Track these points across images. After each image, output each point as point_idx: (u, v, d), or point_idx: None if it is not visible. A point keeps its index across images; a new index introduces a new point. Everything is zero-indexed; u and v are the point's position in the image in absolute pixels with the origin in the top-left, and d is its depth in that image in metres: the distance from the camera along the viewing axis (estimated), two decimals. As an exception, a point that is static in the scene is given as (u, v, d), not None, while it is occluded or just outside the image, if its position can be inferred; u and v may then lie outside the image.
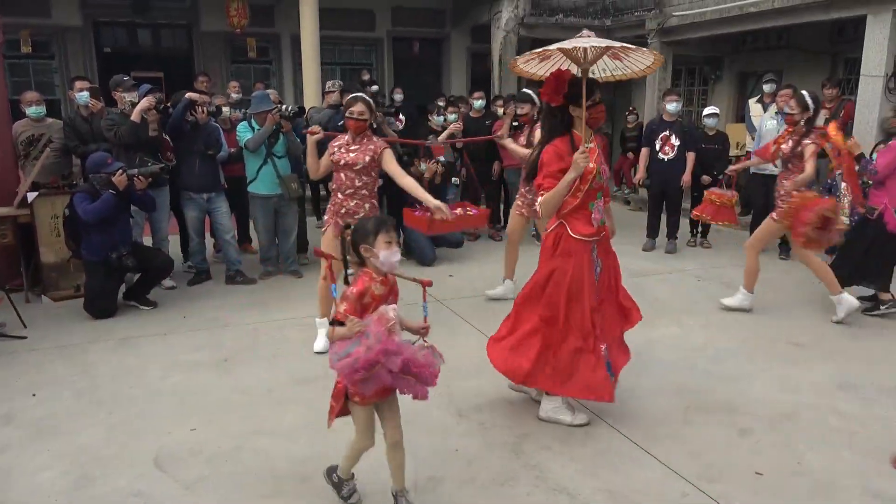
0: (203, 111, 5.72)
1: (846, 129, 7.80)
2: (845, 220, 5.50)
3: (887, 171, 4.99)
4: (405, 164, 6.94)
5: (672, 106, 7.08)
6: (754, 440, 3.29)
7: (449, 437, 3.31)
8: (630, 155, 10.65)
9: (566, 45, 3.14)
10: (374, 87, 8.20)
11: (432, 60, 13.64)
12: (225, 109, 6.53)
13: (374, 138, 4.35)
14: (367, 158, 4.21)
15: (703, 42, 10.58)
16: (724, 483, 2.91)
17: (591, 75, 3.32)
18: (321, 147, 4.46)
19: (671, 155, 7.05)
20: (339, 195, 4.28)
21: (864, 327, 4.89)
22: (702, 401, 3.71)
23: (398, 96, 8.79)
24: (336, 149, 4.29)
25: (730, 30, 9.49)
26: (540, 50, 3.22)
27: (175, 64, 11.67)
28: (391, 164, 4.22)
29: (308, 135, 4.37)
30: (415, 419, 3.47)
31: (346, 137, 4.31)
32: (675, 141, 7.01)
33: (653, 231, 7.44)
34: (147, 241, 5.91)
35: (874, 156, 6.55)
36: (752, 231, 7.21)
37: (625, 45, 3.24)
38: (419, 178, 6.63)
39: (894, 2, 7.06)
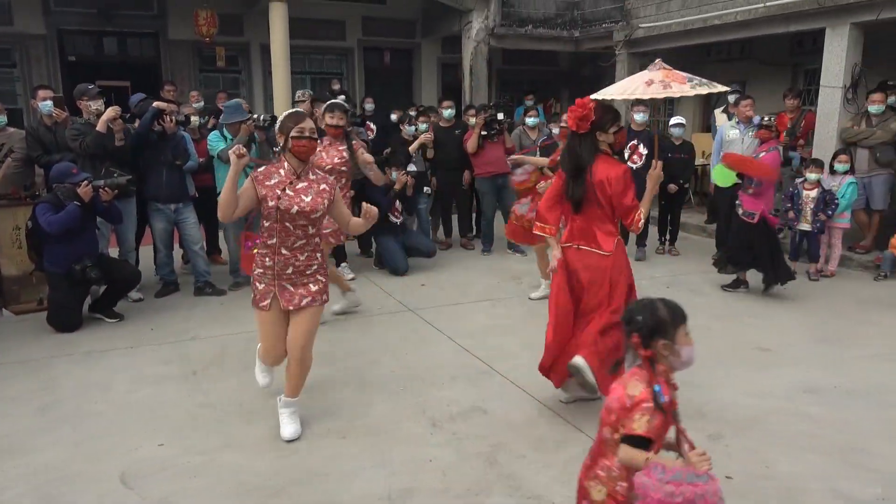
0: (171, 121, 5.63)
1: (807, 138, 8.02)
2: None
3: (773, 177, 5.77)
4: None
5: (639, 116, 7.19)
6: (724, 445, 3.33)
7: (422, 448, 3.29)
8: (599, 164, 10.77)
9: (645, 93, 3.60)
10: (343, 98, 8.18)
11: (403, 70, 13.67)
12: (194, 118, 6.45)
13: (318, 172, 3.34)
14: (326, 203, 3.22)
15: (669, 53, 10.77)
16: (695, 488, 2.94)
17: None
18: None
19: (639, 164, 7.14)
20: (284, 250, 3.16)
21: (829, 334, 5.00)
22: (672, 407, 3.75)
23: (369, 105, 8.78)
24: (278, 192, 3.09)
25: (694, 42, 9.69)
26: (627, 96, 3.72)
27: (142, 73, 11.50)
28: (341, 207, 3.42)
29: (235, 156, 3.07)
30: (388, 430, 3.45)
31: (282, 171, 3.15)
32: (643, 150, 7.11)
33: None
34: (114, 252, 5.80)
35: (837, 166, 6.75)
36: (717, 240, 7.36)
37: (701, 86, 3.56)
38: (390, 187, 6.63)
39: (852, 15, 7.29)
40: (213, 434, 3.44)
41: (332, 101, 4.52)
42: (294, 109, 3.30)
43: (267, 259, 3.21)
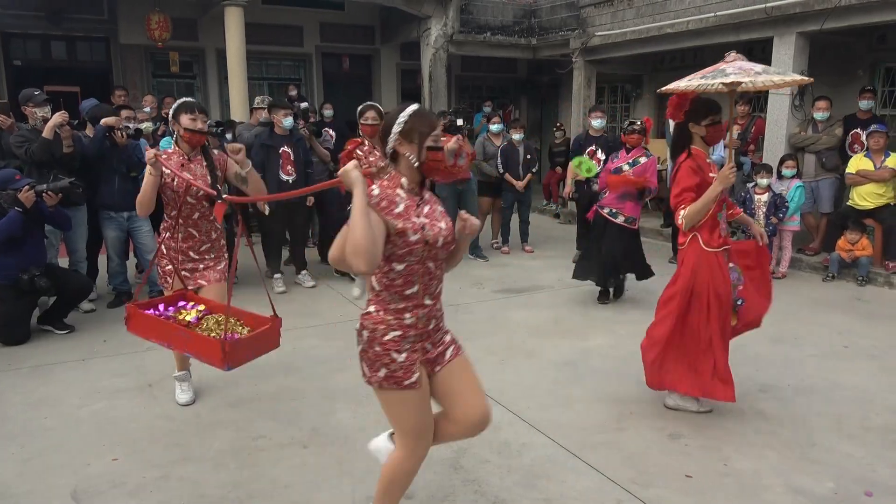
0: (122, 136, 5.45)
1: (757, 144, 8.27)
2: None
3: (654, 184, 5.68)
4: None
5: (597, 122, 7.31)
6: (684, 444, 3.39)
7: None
8: (558, 170, 10.92)
9: (725, 79, 3.32)
10: (305, 104, 8.09)
11: (362, 76, 13.61)
12: (147, 124, 6.29)
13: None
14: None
15: (625, 61, 11.00)
16: (657, 487, 2.98)
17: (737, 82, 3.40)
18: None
19: (598, 169, 7.26)
20: (428, 300, 2.34)
21: (782, 334, 5.15)
22: (634, 408, 3.81)
23: (328, 111, 8.70)
24: (415, 221, 2.24)
25: (648, 49, 9.90)
26: (696, 87, 3.45)
27: (92, 78, 11.18)
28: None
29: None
30: (352, 438, 3.41)
31: (401, 192, 2.25)
32: (600, 155, 7.22)
33: (582, 243, 7.62)
34: (64, 262, 5.61)
35: (784, 171, 6.97)
36: (673, 243, 7.50)
37: (772, 78, 3.34)
38: (347, 193, 6.58)
39: (798, 24, 7.55)
40: (170, 447, 3.34)
41: (367, 102, 4.62)
42: (417, 106, 2.27)
43: (407, 317, 2.27)
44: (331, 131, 7.67)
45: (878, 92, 8.47)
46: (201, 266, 3.65)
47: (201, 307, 3.26)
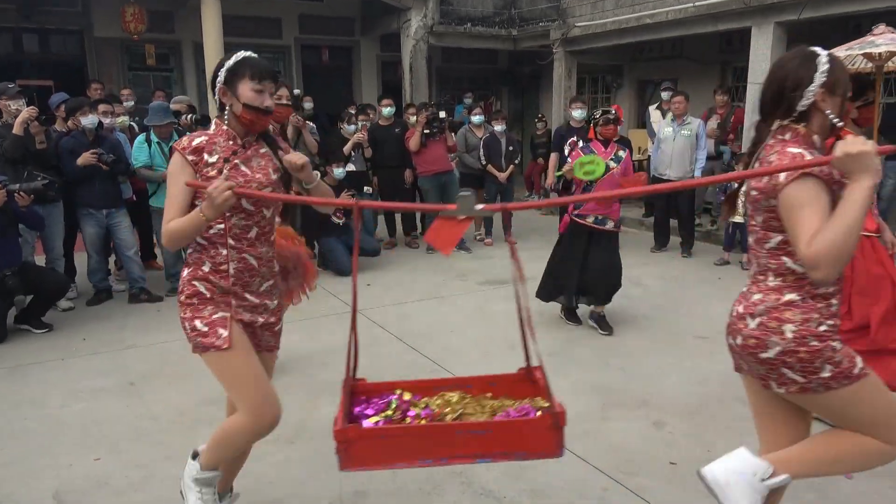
0: (40, 140, 5.19)
1: (737, 133, 8.34)
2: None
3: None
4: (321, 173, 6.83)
5: (577, 112, 7.33)
6: (668, 432, 3.43)
7: (373, 450, 3.26)
8: (540, 161, 10.94)
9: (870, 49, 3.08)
10: (297, 91, 8.04)
11: (342, 68, 13.51)
12: (123, 118, 6.20)
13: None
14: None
15: (605, 51, 11.03)
16: (642, 475, 3.01)
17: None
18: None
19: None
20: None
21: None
22: (618, 397, 3.84)
23: (308, 104, 8.64)
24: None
25: (628, 40, 9.94)
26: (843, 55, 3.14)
27: (67, 71, 10.98)
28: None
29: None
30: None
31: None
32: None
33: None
34: (42, 259, 5.52)
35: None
36: (655, 234, 7.56)
37: None
38: (334, 186, 6.55)
39: (775, 14, 7.62)
40: (154, 446, 3.31)
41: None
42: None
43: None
44: (311, 124, 7.61)
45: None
46: (260, 320, 2.35)
47: (406, 395, 2.05)
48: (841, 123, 1.91)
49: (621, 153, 4.92)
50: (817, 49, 1.91)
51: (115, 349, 4.64)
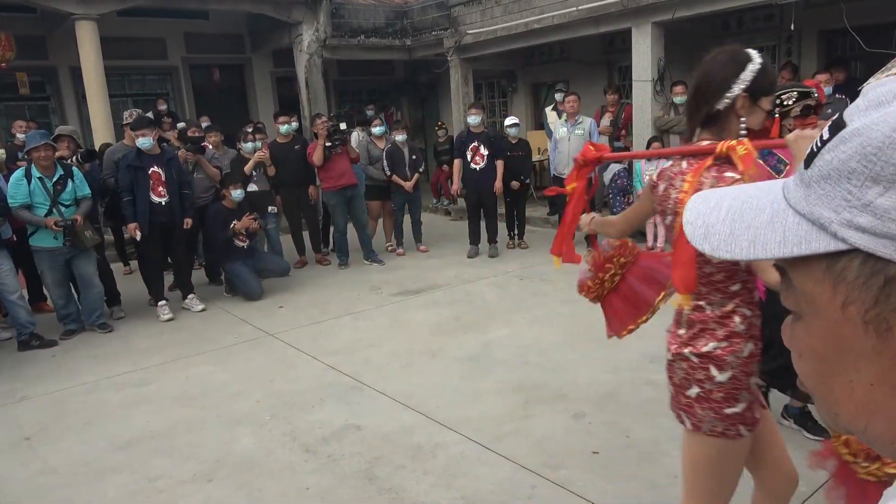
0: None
1: (628, 129, 8.75)
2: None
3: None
4: (218, 197, 6.60)
5: (472, 119, 7.45)
6: (587, 422, 3.53)
7: (297, 477, 3.17)
8: (445, 167, 11.04)
9: None
10: (181, 124, 7.69)
11: (235, 86, 13.13)
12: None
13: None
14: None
15: (499, 57, 11.29)
16: (566, 468, 3.08)
17: None
18: None
19: (482, 164, 7.41)
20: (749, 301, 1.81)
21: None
22: (538, 393, 3.92)
23: (205, 124, 8.33)
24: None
25: (519, 45, 10.22)
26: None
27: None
28: None
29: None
30: (258, 463, 3.28)
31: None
32: (483, 150, 7.37)
33: (475, 238, 7.75)
34: None
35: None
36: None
37: None
38: (233, 209, 6.34)
39: (651, 15, 8.04)
40: (59, 503, 3.07)
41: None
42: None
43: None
44: (209, 144, 7.34)
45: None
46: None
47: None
48: (745, 133, 1.70)
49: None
50: (750, 50, 1.73)
51: (6, 402, 4.28)
